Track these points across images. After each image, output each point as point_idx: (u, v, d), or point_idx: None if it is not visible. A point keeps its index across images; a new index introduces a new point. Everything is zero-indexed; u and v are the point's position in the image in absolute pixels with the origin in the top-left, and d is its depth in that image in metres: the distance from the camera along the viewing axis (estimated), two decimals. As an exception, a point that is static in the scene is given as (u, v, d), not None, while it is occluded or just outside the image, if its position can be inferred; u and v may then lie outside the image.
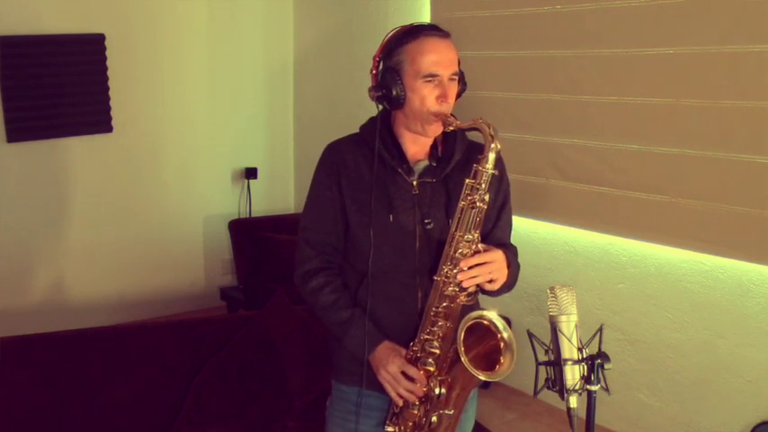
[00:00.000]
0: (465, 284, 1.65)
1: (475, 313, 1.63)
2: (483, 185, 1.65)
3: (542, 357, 1.50)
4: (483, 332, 1.64)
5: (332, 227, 1.81)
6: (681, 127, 3.20)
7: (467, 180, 1.67)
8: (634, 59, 3.33)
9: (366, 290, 1.76)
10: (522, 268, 1.85)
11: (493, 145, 1.63)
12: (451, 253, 1.67)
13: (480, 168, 1.65)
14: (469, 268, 1.64)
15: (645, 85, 3.30)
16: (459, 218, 1.67)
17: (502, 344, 1.62)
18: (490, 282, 1.68)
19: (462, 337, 1.60)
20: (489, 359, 1.64)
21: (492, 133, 1.63)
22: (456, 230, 1.67)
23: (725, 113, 3.05)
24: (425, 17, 4.24)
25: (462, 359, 1.58)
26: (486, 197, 1.66)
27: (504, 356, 1.61)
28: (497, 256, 1.68)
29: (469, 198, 1.66)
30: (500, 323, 1.63)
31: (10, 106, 4.22)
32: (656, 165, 3.30)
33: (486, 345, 1.65)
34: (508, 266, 1.73)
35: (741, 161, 3.01)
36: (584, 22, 3.51)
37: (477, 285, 1.68)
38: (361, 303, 1.77)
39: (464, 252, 1.66)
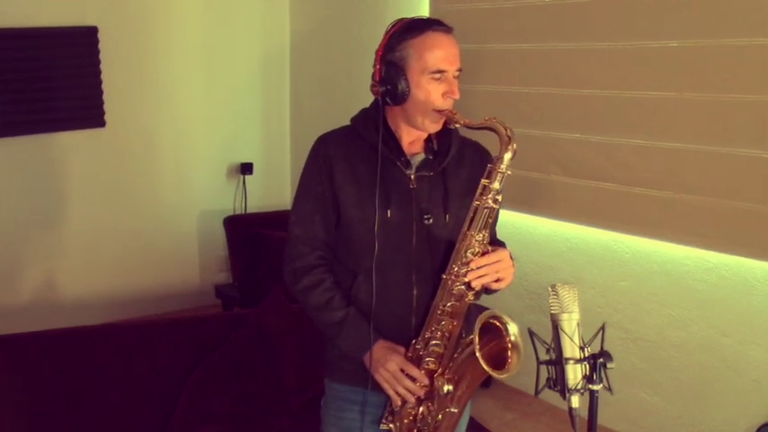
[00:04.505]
0: (474, 284, 1.66)
1: (488, 312, 1.63)
2: (498, 186, 1.66)
3: (543, 356, 1.49)
4: (492, 333, 1.65)
5: (323, 222, 1.78)
6: (684, 121, 3.19)
7: (482, 180, 1.68)
8: (637, 53, 3.31)
9: (359, 287, 1.75)
10: (523, 265, 1.86)
11: (510, 146, 1.65)
12: (463, 252, 1.67)
13: (496, 169, 1.66)
14: (479, 268, 1.66)
15: (648, 78, 3.29)
16: (473, 217, 1.68)
17: (510, 346, 1.64)
18: (497, 281, 1.69)
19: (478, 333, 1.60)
20: (497, 359, 1.64)
21: (509, 135, 1.66)
22: (468, 230, 1.68)
23: (729, 107, 3.03)
24: (424, 9, 4.20)
25: (477, 354, 1.58)
26: (500, 197, 1.68)
27: (512, 356, 1.63)
28: (504, 255, 1.69)
29: (483, 198, 1.67)
30: (513, 327, 1.64)
31: (0, 100, 4.17)
32: (660, 160, 3.28)
33: (494, 345, 1.65)
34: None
35: (746, 156, 3.00)
36: (585, 15, 3.49)
37: (483, 285, 1.69)
38: (354, 301, 1.75)
39: (475, 251, 1.67)
